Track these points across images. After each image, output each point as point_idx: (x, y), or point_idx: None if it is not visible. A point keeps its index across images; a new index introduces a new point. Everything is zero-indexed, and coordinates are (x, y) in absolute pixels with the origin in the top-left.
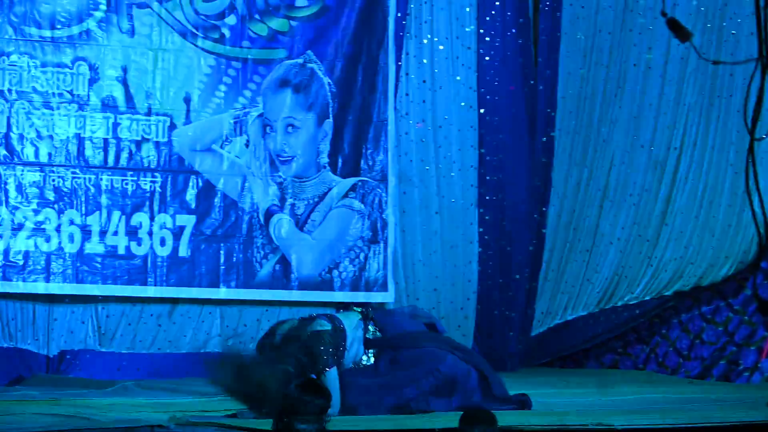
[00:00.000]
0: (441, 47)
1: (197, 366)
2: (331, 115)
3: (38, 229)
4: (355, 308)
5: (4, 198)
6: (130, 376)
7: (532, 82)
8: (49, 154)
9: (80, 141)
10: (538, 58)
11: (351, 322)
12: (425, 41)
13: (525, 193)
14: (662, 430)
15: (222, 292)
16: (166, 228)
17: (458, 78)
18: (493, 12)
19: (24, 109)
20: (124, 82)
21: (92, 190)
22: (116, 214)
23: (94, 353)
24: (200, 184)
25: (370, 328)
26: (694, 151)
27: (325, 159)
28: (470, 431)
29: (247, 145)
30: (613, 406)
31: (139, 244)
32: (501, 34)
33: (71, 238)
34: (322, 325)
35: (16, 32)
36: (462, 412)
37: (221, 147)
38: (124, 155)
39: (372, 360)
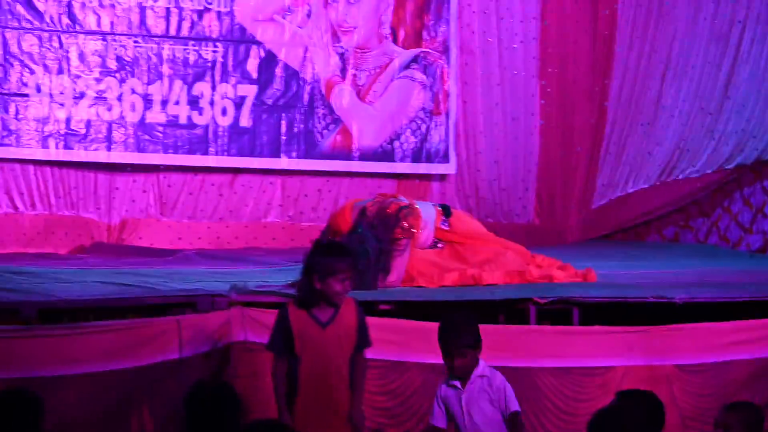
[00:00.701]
0: None
1: (258, 235)
2: None
3: (100, 98)
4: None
5: (66, 66)
6: (191, 246)
7: None
8: (111, 23)
9: (142, 9)
10: None
11: (426, 210)
12: None
13: (587, 66)
14: (723, 303)
15: (283, 162)
16: (227, 98)
17: None
18: None
19: None
20: None
21: (154, 59)
22: (178, 84)
23: (156, 222)
24: (262, 54)
25: (443, 223)
26: (758, 25)
27: (387, 29)
28: (455, 337)
29: (308, 16)
30: (673, 279)
31: (201, 114)
32: None
33: (133, 107)
34: (401, 201)
35: None
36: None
37: (283, 17)
38: (186, 24)
39: (441, 246)
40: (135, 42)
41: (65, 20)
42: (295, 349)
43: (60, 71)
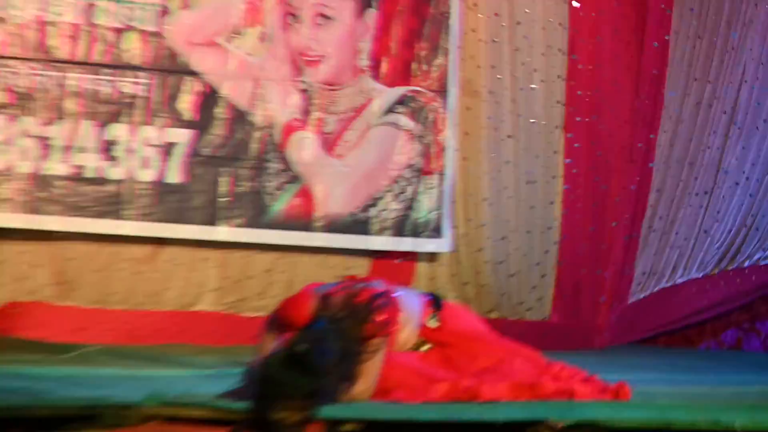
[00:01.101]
0: None
1: (186, 328)
2: (374, 4)
3: None
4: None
5: None
6: (96, 339)
7: None
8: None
9: (41, 25)
10: None
11: (410, 300)
12: None
13: (627, 115)
14: None
15: (222, 233)
16: (151, 145)
17: None
18: None
19: None
20: None
21: (55, 91)
22: (86, 125)
23: (51, 307)
24: (199, 88)
25: (432, 319)
26: None
27: (365, 61)
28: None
29: (262, 40)
30: (733, 398)
31: (116, 166)
32: None
33: (25, 155)
34: (376, 287)
35: None
36: None
37: (228, 41)
38: (99, 47)
39: (427, 349)
40: (31, 68)
41: None
42: None
43: None
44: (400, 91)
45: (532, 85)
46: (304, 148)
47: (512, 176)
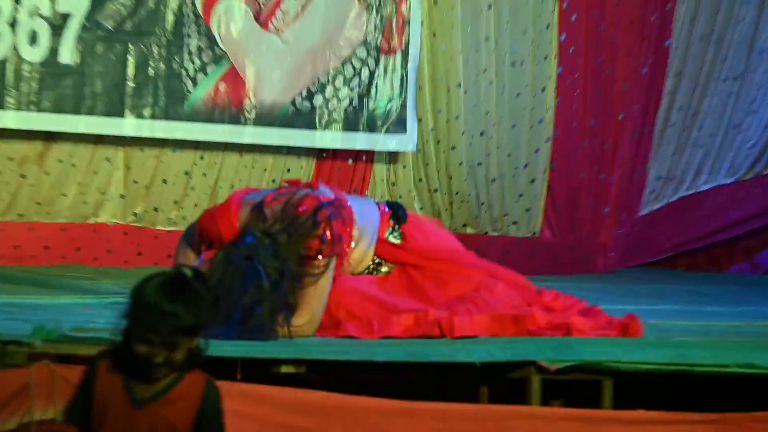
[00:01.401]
0: None
1: (84, 244)
2: None
3: None
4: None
5: None
6: None
7: None
8: None
9: None
10: None
11: (365, 210)
12: None
13: None
14: None
15: (129, 125)
16: (39, 16)
17: None
18: None
19: None
20: None
21: None
22: None
23: None
24: None
25: (391, 230)
26: None
27: None
28: None
29: None
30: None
31: None
32: None
33: None
34: (322, 194)
35: None
36: None
37: None
38: None
39: (386, 271)
40: None
41: None
42: (92, 428)
43: None
44: None
45: None
46: (232, 20)
47: (493, 56)
